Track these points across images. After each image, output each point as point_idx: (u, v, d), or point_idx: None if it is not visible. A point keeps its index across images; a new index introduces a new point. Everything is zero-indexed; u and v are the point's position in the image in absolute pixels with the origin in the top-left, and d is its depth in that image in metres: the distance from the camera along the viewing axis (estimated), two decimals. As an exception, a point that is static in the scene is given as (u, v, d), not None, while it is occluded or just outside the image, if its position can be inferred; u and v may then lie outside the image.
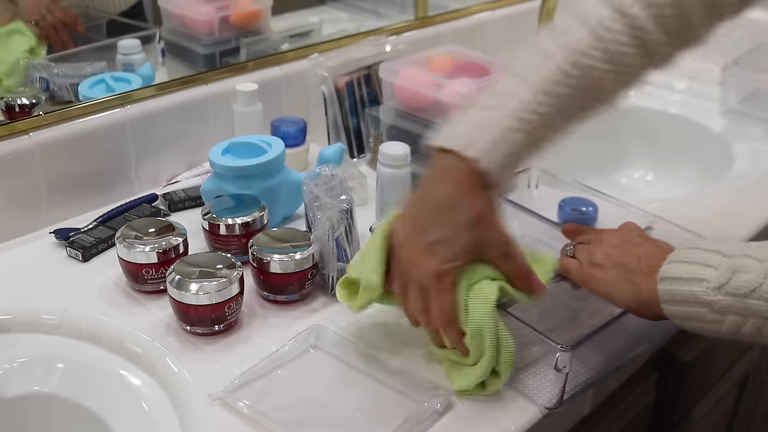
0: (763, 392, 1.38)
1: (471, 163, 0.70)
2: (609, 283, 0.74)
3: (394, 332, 0.82)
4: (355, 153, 1.20)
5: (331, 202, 0.88)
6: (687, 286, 0.67)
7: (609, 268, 0.75)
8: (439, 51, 1.13)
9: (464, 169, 0.70)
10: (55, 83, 1.06)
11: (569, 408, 0.77)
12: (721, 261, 0.66)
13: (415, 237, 0.72)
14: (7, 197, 0.96)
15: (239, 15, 1.21)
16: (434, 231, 0.71)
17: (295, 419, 0.71)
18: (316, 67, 1.18)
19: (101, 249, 0.95)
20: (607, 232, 0.80)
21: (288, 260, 0.84)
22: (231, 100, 1.12)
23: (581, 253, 0.78)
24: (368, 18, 1.42)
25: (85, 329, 0.82)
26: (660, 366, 0.99)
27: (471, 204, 0.71)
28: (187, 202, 1.05)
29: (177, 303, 0.80)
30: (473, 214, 0.71)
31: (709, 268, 0.67)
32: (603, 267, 0.75)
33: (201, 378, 0.75)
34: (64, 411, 0.78)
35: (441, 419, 0.72)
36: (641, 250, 0.74)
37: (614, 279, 0.74)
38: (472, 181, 0.71)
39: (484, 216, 0.72)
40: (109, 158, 1.04)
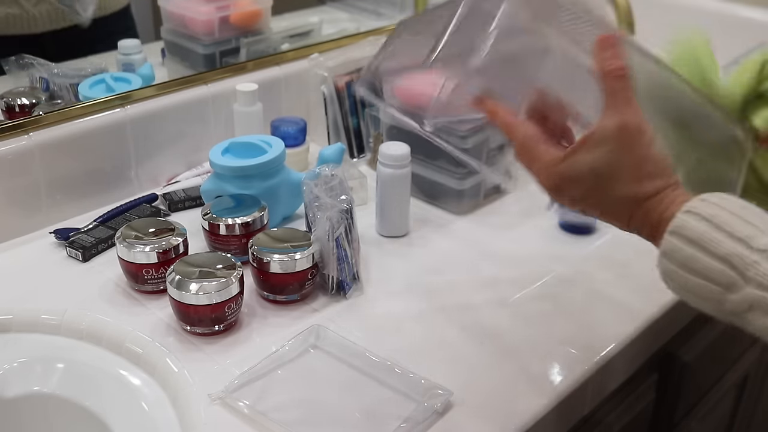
0: (763, 392, 1.38)
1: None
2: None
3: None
4: (355, 153, 1.20)
5: (331, 202, 0.88)
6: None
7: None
8: (439, 51, 1.12)
9: None
10: (55, 83, 1.06)
11: (569, 408, 0.78)
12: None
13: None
14: (7, 197, 0.96)
15: (239, 15, 1.21)
16: None
17: (295, 419, 0.71)
18: (316, 67, 1.18)
19: (101, 249, 0.95)
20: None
21: (288, 260, 0.84)
22: (231, 100, 1.12)
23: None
24: (368, 18, 1.42)
25: (85, 329, 0.82)
26: (660, 366, 0.99)
27: None
28: (187, 202, 1.05)
29: (177, 303, 0.80)
30: None
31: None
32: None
33: (201, 378, 0.75)
34: (64, 411, 0.78)
35: (441, 419, 0.72)
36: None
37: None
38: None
39: None
40: (109, 158, 1.04)
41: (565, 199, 0.66)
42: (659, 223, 0.61)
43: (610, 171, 0.62)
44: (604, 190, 0.62)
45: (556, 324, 0.85)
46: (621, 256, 0.97)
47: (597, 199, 0.64)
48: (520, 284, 0.91)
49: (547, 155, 0.65)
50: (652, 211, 0.61)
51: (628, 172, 0.61)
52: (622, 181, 0.62)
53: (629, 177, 0.61)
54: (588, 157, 0.62)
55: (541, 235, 1.01)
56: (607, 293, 0.90)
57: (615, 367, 0.83)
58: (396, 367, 0.76)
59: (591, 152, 0.62)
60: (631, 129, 0.61)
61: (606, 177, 0.62)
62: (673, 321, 0.91)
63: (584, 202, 0.64)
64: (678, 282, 0.60)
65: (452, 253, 0.98)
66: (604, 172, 0.62)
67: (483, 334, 0.83)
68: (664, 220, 0.60)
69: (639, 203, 0.62)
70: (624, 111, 0.61)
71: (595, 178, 0.62)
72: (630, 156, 0.61)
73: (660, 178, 0.62)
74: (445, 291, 0.90)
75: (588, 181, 0.63)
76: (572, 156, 0.63)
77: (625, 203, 0.62)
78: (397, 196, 0.99)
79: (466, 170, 1.03)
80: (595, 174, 0.62)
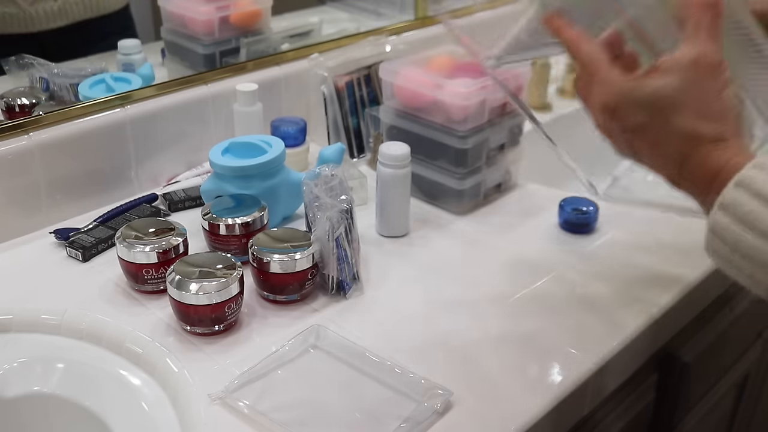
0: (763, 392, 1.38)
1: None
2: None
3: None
4: (355, 153, 1.21)
5: (331, 202, 0.88)
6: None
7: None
8: (439, 51, 1.13)
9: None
10: (55, 83, 1.06)
11: (569, 408, 0.78)
12: None
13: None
14: (7, 197, 0.96)
15: (239, 15, 1.21)
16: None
17: (295, 419, 0.71)
18: (316, 67, 1.18)
19: (101, 249, 0.95)
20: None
21: (288, 260, 0.84)
22: (231, 100, 1.12)
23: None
24: (368, 18, 1.42)
25: (85, 329, 0.82)
26: (660, 366, 0.99)
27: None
28: (187, 202, 1.05)
29: (177, 303, 0.80)
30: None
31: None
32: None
33: (201, 378, 0.75)
34: (64, 411, 0.78)
35: (441, 419, 0.72)
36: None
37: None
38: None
39: None
40: (109, 158, 1.04)
41: (617, 127, 0.61)
42: (719, 172, 0.56)
43: (676, 101, 0.58)
44: (664, 120, 0.58)
45: (556, 324, 0.85)
46: (621, 256, 0.97)
47: (653, 131, 0.59)
48: (520, 284, 0.91)
49: (611, 75, 0.61)
50: (711, 157, 0.57)
51: (693, 106, 0.58)
52: (685, 115, 0.58)
53: (693, 111, 0.58)
54: (656, 82, 0.58)
55: (541, 235, 1.01)
56: (606, 293, 0.90)
57: (615, 367, 0.83)
58: (396, 367, 0.76)
59: (660, 78, 0.58)
60: (708, 63, 0.58)
61: (669, 106, 0.58)
62: (673, 321, 0.91)
63: (638, 133, 0.60)
64: (730, 240, 0.54)
65: (452, 253, 0.98)
66: (669, 100, 0.58)
67: (483, 334, 0.83)
68: (727, 170, 0.56)
69: (697, 143, 0.57)
70: (705, 45, 0.58)
71: (657, 106, 0.58)
72: (699, 90, 0.58)
73: (725, 124, 0.58)
74: (445, 291, 0.90)
75: (650, 107, 0.58)
76: (639, 80, 0.59)
77: (683, 140, 0.58)
78: (397, 196, 0.99)
79: (466, 170, 1.03)
80: (659, 100, 0.58)
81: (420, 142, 1.05)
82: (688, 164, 0.58)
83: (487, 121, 1.04)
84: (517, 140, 1.10)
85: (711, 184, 0.57)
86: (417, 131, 1.05)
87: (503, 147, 1.09)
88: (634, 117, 0.60)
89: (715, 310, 1.08)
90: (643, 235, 1.01)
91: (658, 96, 0.58)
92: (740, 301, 1.14)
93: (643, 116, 0.59)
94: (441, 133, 1.03)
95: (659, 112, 0.59)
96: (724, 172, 0.56)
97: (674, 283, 0.92)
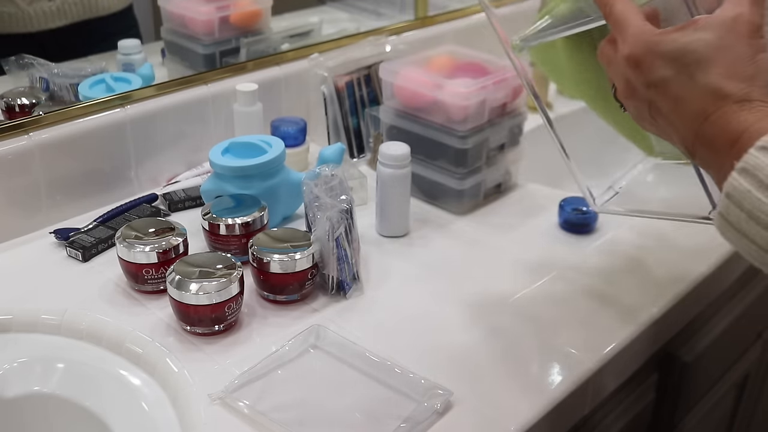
0: (763, 392, 1.38)
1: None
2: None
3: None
4: (355, 153, 1.21)
5: (331, 202, 0.88)
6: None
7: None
8: (439, 51, 1.13)
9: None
10: (55, 83, 1.06)
11: (569, 408, 0.78)
12: None
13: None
14: (7, 197, 0.96)
15: (239, 15, 1.21)
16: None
17: (295, 419, 0.71)
18: (316, 67, 1.18)
19: (101, 249, 0.95)
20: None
21: (288, 260, 0.84)
22: (231, 100, 1.12)
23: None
24: (368, 18, 1.42)
25: (85, 329, 0.82)
26: (660, 366, 0.99)
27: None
28: (187, 202, 1.05)
29: (177, 303, 0.80)
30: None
31: None
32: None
33: (201, 378, 0.75)
34: (64, 411, 0.78)
35: (441, 419, 0.72)
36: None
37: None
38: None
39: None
40: (109, 158, 1.04)
41: (640, 81, 0.59)
42: (741, 134, 0.53)
43: (705, 56, 0.55)
44: (691, 76, 0.56)
45: (556, 324, 0.85)
46: (621, 256, 0.97)
47: (677, 86, 0.57)
48: (520, 284, 0.91)
49: (644, 26, 0.59)
50: (734, 118, 0.54)
51: (723, 64, 0.55)
52: (713, 70, 0.55)
53: (722, 68, 0.55)
54: (688, 37, 0.56)
55: (541, 235, 1.01)
56: (607, 293, 0.90)
57: (615, 367, 0.83)
58: (396, 367, 0.76)
59: (694, 33, 0.56)
60: (747, 24, 0.56)
61: (696, 61, 0.56)
62: (673, 321, 0.92)
63: (660, 87, 0.58)
64: (747, 206, 0.52)
65: (452, 253, 0.98)
66: (699, 56, 0.55)
67: (483, 334, 0.83)
68: (750, 133, 0.53)
69: (721, 102, 0.55)
70: (746, 5, 0.56)
71: (685, 60, 0.56)
72: (733, 50, 0.55)
73: (754, 86, 0.55)
74: (445, 291, 0.90)
75: (677, 61, 0.56)
76: (670, 33, 0.57)
77: (706, 97, 0.55)
78: (397, 196, 0.99)
79: (466, 170, 1.04)
80: (687, 54, 0.56)
81: (420, 142, 1.05)
82: (709, 125, 0.56)
83: (487, 121, 1.04)
84: (517, 140, 1.10)
85: (731, 147, 0.54)
86: (417, 131, 1.05)
87: (503, 147, 1.09)
88: (659, 70, 0.58)
89: (715, 310, 1.08)
90: (643, 235, 1.01)
91: (688, 50, 0.56)
92: (740, 301, 1.14)
93: (669, 70, 0.57)
94: (441, 133, 1.03)
95: (685, 67, 0.56)
96: (746, 135, 0.53)
97: (674, 283, 0.92)
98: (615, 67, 0.62)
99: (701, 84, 0.56)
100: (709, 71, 0.56)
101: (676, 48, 0.57)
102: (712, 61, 0.56)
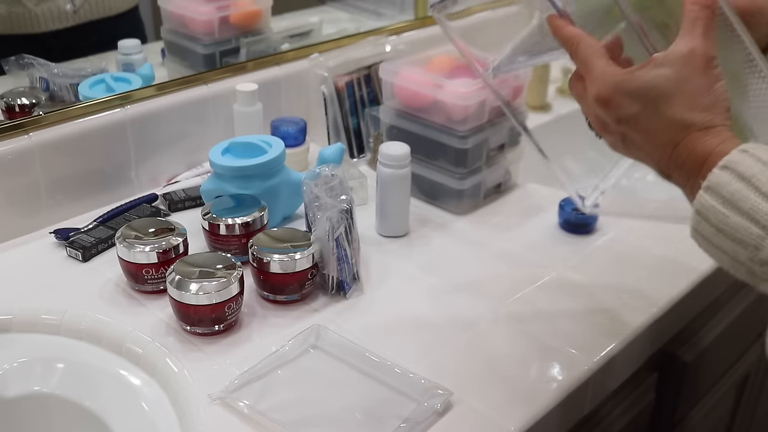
0: (763, 392, 1.38)
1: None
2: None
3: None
4: (355, 153, 1.20)
5: (331, 202, 0.88)
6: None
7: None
8: (439, 51, 1.13)
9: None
10: (55, 83, 1.06)
11: (569, 408, 0.78)
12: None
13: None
14: (7, 197, 0.96)
15: (239, 15, 1.21)
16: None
17: (295, 419, 0.71)
18: (316, 67, 1.18)
19: (101, 249, 0.95)
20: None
21: (288, 260, 0.84)
22: (231, 100, 1.12)
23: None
24: (368, 18, 1.42)
25: (85, 329, 0.82)
26: (660, 366, 0.99)
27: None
28: (187, 202, 1.05)
29: (177, 303, 0.80)
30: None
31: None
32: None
33: (201, 378, 0.75)
34: (64, 411, 0.78)
35: (441, 419, 0.72)
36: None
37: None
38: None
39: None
40: (109, 158, 1.04)
41: (611, 118, 0.63)
42: (707, 157, 0.58)
43: (667, 91, 0.60)
44: (655, 110, 0.61)
45: (556, 324, 0.85)
46: (621, 256, 0.97)
47: (645, 121, 0.61)
48: (520, 284, 0.91)
49: (607, 68, 0.63)
50: (700, 144, 0.59)
51: (684, 97, 0.60)
52: (677, 105, 0.60)
53: (684, 102, 0.60)
54: (649, 74, 0.61)
55: (541, 235, 1.01)
56: (607, 293, 0.90)
57: (615, 367, 0.83)
58: (396, 367, 0.76)
59: (653, 70, 0.60)
60: (701, 57, 0.60)
61: (660, 96, 0.60)
62: (673, 321, 0.92)
63: (631, 123, 0.62)
64: (714, 221, 0.57)
65: (452, 253, 0.98)
66: (661, 91, 0.60)
67: (483, 334, 0.83)
68: (715, 155, 0.58)
69: (687, 131, 0.60)
70: (699, 40, 0.60)
71: (649, 96, 0.60)
72: (692, 82, 0.60)
73: (714, 114, 0.60)
74: (445, 291, 0.90)
75: (642, 98, 0.61)
76: (633, 71, 0.61)
77: (673, 128, 0.60)
78: (397, 196, 0.99)
79: (466, 170, 1.04)
80: (650, 90, 0.60)
81: (420, 142, 1.05)
82: (678, 152, 0.60)
83: (487, 121, 1.04)
84: (517, 140, 1.10)
85: (699, 169, 0.59)
86: (417, 131, 1.05)
87: (503, 147, 1.09)
88: (627, 107, 0.62)
89: (715, 310, 1.08)
90: (643, 235, 1.01)
91: (650, 86, 0.61)
92: (740, 301, 1.14)
93: (636, 106, 0.61)
94: (441, 133, 1.03)
95: (651, 102, 0.61)
96: (712, 157, 0.58)
97: (674, 283, 0.92)
98: (586, 104, 0.66)
99: (667, 117, 0.61)
100: (673, 104, 0.60)
101: (640, 85, 0.61)
102: (674, 94, 0.60)
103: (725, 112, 0.61)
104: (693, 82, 0.60)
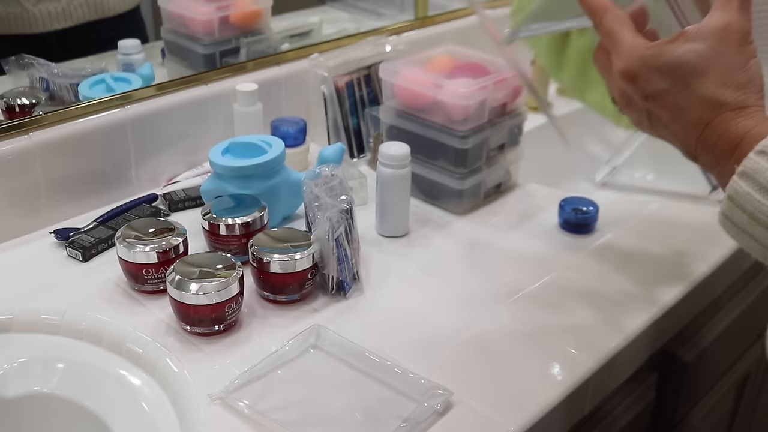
0: (763, 392, 1.38)
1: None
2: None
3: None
4: (355, 153, 1.20)
5: (331, 202, 0.88)
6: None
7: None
8: (439, 51, 1.13)
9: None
10: (55, 83, 1.06)
11: (569, 408, 0.78)
12: None
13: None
14: (7, 197, 0.96)
15: (239, 15, 1.21)
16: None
17: (295, 419, 0.71)
18: (316, 67, 1.18)
19: (101, 249, 0.95)
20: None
21: (288, 260, 0.84)
22: (231, 100, 1.12)
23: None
24: (368, 18, 1.42)
25: (85, 329, 0.82)
26: (660, 366, 0.99)
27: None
28: (187, 202, 1.05)
29: (177, 303, 0.80)
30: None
31: None
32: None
33: (201, 378, 0.75)
34: (64, 411, 0.78)
35: (441, 419, 0.72)
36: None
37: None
38: None
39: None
40: (109, 158, 1.04)
41: (638, 94, 0.60)
42: (741, 140, 0.55)
43: (699, 67, 0.57)
44: (685, 86, 0.58)
45: (556, 324, 0.85)
46: (621, 256, 0.97)
47: (674, 98, 0.58)
48: (520, 284, 0.91)
49: (635, 41, 0.60)
50: (733, 125, 0.56)
51: (717, 74, 0.57)
52: (708, 81, 0.57)
53: (717, 78, 0.57)
54: (680, 48, 0.58)
55: (541, 235, 1.01)
56: (607, 293, 0.90)
57: (615, 367, 0.83)
58: (396, 367, 0.76)
59: (685, 45, 0.57)
60: (737, 33, 0.57)
61: (692, 72, 0.57)
62: (673, 321, 0.92)
63: (658, 100, 0.59)
64: (749, 208, 0.54)
65: (452, 253, 0.98)
66: (691, 66, 0.57)
67: (483, 334, 0.83)
68: (749, 138, 0.55)
69: (719, 110, 0.57)
70: (735, 13, 0.57)
71: (679, 72, 0.57)
72: (725, 58, 0.57)
73: (749, 92, 0.57)
74: (445, 291, 0.90)
75: (672, 74, 0.58)
76: (662, 45, 0.58)
77: (704, 107, 0.57)
78: (397, 196, 0.99)
79: (466, 170, 1.03)
80: (681, 66, 0.57)
81: (420, 142, 1.05)
82: (709, 132, 0.57)
83: (487, 121, 1.04)
84: (517, 140, 1.10)
85: (732, 152, 0.56)
86: (417, 131, 1.05)
87: (503, 147, 1.09)
88: (656, 83, 0.59)
89: (715, 310, 1.08)
90: (643, 235, 1.01)
91: (682, 61, 0.58)
92: (740, 301, 1.14)
93: (665, 82, 0.58)
94: (441, 133, 1.03)
95: (681, 79, 0.58)
96: (746, 140, 0.55)
97: (674, 283, 0.92)
98: (610, 78, 0.63)
99: (698, 94, 0.57)
100: (705, 81, 0.57)
101: (671, 60, 0.58)
102: (707, 71, 0.57)
103: (759, 92, 0.58)
104: (727, 58, 0.57)
